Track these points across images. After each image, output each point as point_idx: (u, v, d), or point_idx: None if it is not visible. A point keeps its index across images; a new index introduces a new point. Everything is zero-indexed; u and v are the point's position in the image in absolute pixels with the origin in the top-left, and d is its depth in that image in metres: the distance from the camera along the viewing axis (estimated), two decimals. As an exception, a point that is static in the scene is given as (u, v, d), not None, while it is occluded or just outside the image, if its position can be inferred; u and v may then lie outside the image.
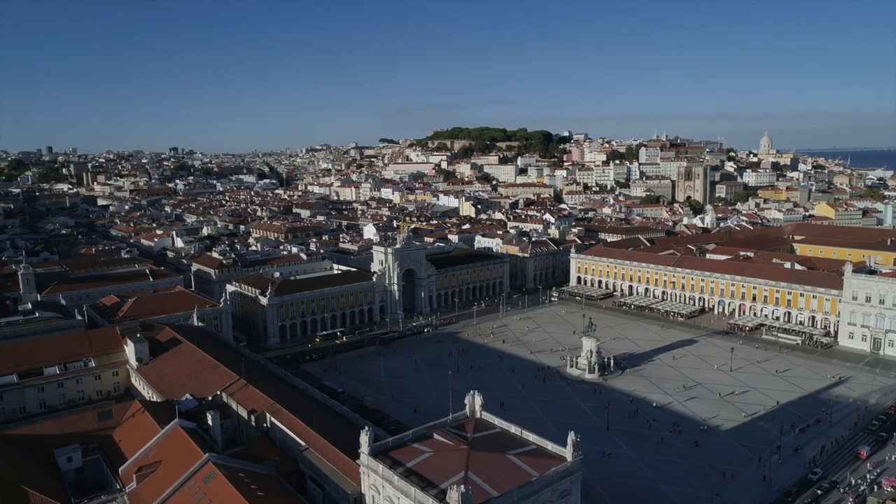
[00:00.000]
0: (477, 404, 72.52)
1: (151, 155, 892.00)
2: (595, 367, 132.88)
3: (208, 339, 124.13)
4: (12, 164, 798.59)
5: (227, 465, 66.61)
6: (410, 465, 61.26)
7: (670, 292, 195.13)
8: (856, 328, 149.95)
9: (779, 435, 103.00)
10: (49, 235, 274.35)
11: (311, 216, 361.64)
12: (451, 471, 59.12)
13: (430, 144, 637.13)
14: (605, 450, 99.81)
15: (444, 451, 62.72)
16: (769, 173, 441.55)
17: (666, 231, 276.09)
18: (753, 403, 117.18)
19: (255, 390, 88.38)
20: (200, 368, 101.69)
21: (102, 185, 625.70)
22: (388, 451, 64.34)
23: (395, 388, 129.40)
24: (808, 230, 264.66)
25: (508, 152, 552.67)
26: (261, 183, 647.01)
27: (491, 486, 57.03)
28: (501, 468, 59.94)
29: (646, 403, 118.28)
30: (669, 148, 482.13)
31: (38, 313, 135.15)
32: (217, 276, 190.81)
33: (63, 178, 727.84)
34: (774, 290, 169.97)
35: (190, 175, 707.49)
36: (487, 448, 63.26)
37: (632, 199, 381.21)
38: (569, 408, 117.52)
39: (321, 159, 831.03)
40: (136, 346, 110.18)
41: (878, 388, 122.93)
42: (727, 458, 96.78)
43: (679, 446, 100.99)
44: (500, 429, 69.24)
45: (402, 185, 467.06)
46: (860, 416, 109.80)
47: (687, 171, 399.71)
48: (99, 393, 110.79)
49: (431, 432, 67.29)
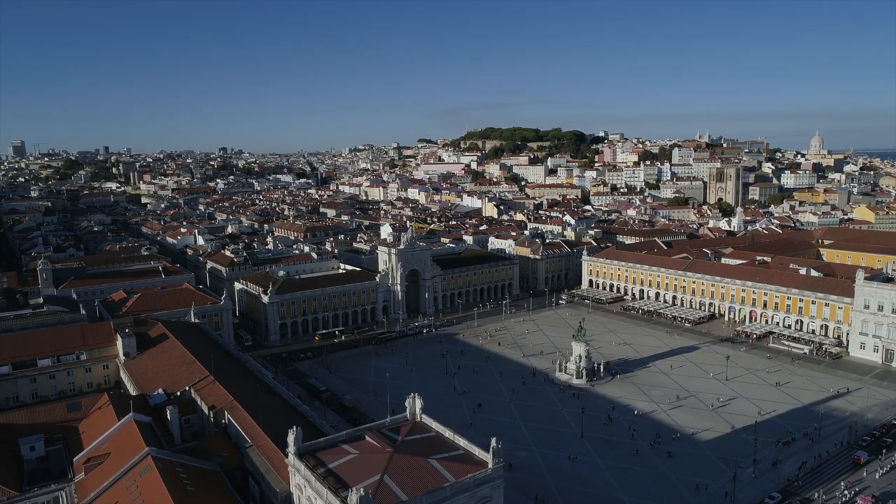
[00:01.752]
0: (417, 407, 72.34)
1: (200, 155, 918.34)
2: (583, 372, 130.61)
3: (199, 335, 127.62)
4: (67, 164, 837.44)
5: (167, 459, 68.42)
6: (332, 466, 61.67)
7: (681, 297, 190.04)
8: (867, 338, 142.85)
9: (759, 448, 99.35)
10: (83, 232, 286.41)
11: (336, 215, 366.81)
12: (369, 473, 59.22)
13: (463, 145, 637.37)
14: (571, 454, 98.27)
15: (369, 454, 62.82)
16: (809, 175, 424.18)
17: (688, 234, 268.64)
18: (741, 414, 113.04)
19: (219, 387, 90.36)
20: (178, 364, 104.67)
21: (147, 183, 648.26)
22: (318, 451, 64.95)
23: (380, 388, 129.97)
24: (839, 234, 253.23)
25: (539, 153, 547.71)
26: (296, 182, 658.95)
27: (403, 489, 56.88)
28: (420, 472, 59.64)
29: (628, 411, 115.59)
30: (704, 148, 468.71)
31: (47, 307, 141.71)
32: (227, 273, 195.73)
33: (112, 177, 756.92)
34: (786, 297, 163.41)
35: (231, 175, 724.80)
36: (412, 452, 63.06)
37: (659, 201, 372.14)
38: (548, 412, 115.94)
39: (361, 159, 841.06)
40: (124, 340, 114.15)
41: (880, 403, 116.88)
42: (699, 470, 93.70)
43: (652, 456, 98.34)
44: (434, 433, 68.87)
45: (429, 185, 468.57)
46: (852, 431, 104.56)
47: (718, 173, 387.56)
48: (90, 385, 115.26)
49: (364, 434, 67.49)
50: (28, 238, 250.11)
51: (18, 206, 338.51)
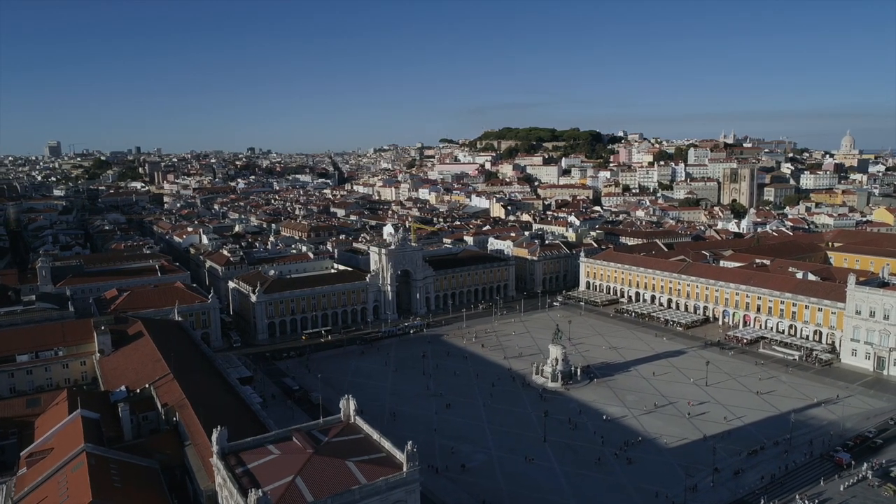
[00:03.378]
0: (351, 409, 72.37)
1: (229, 155, 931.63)
2: (559, 376, 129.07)
3: (177, 333, 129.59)
4: (96, 164, 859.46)
5: (102, 456, 69.52)
6: (251, 466, 62.05)
7: (676, 300, 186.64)
8: (859, 345, 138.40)
9: (725, 456, 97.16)
10: (95, 231, 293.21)
11: (345, 215, 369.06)
12: (283, 474, 59.43)
13: (479, 145, 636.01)
14: (528, 455, 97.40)
15: (289, 454, 62.99)
16: (829, 175, 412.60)
17: (694, 235, 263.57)
18: (714, 421, 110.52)
19: (175, 385, 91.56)
20: (146, 362, 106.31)
21: (171, 183, 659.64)
22: (242, 450, 65.40)
23: (354, 388, 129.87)
24: (850, 237, 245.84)
25: (554, 153, 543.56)
26: (314, 182, 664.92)
27: (312, 491, 56.92)
28: (334, 474, 59.56)
29: (598, 415, 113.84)
30: (722, 149, 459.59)
31: (37, 304, 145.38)
32: (223, 272, 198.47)
33: (138, 176, 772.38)
34: (779, 301, 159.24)
35: (252, 174, 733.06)
36: (333, 454, 63.05)
37: (671, 202, 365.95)
38: (516, 416, 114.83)
39: (384, 159, 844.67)
40: (100, 338, 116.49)
41: (861, 413, 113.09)
42: (659, 478, 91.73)
43: (612, 463, 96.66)
44: (363, 435, 68.82)
45: (440, 185, 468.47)
46: (825, 441, 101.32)
47: (732, 173, 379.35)
48: (67, 381, 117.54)
49: (292, 434, 67.71)
50: (39, 236, 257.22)
51: (37, 205, 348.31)
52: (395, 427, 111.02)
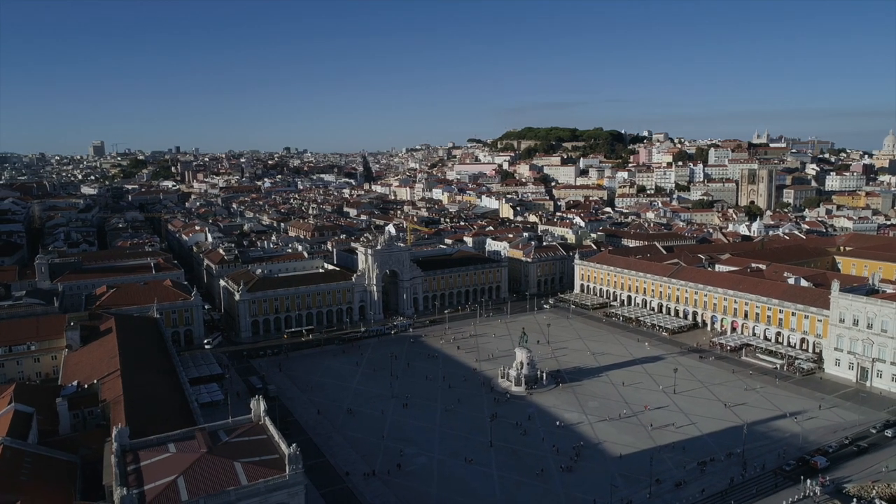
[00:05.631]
0: (261, 409, 72.78)
1: (265, 154, 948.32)
2: (522, 380, 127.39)
3: (149, 330, 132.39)
4: (132, 163, 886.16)
5: (18, 449, 71.12)
6: (143, 464, 62.93)
7: (666, 305, 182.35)
8: (843, 354, 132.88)
9: (671, 467, 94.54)
10: (110, 228, 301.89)
11: (356, 215, 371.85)
12: (169, 472, 60.12)
13: (499, 145, 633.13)
14: (468, 456, 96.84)
15: (182, 453, 63.66)
16: (856, 177, 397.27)
17: (699, 238, 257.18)
18: (672, 430, 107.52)
19: (118, 381, 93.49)
20: (103, 358, 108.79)
21: (200, 182, 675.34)
22: (143, 448, 66.37)
23: (319, 387, 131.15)
24: (862, 241, 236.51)
25: (573, 153, 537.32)
26: (336, 182, 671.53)
27: (191, 491, 57.43)
28: (219, 475, 59.92)
29: (552, 421, 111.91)
30: (744, 149, 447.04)
31: (25, 300, 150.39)
32: (217, 270, 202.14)
33: (171, 175, 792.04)
34: (766, 308, 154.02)
35: (279, 174, 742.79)
36: (225, 454, 63.46)
37: (685, 204, 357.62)
38: (471, 419, 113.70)
39: (413, 159, 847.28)
40: (68, 333, 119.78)
41: (830, 426, 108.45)
42: (596, 487, 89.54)
43: (552, 470, 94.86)
44: (265, 436, 69.12)
45: (454, 185, 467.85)
46: (780, 454, 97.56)
47: (750, 174, 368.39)
48: (38, 374, 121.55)
49: (195, 433, 68.41)
50: (53, 233, 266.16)
51: (59, 203, 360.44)
52: (346, 427, 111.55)
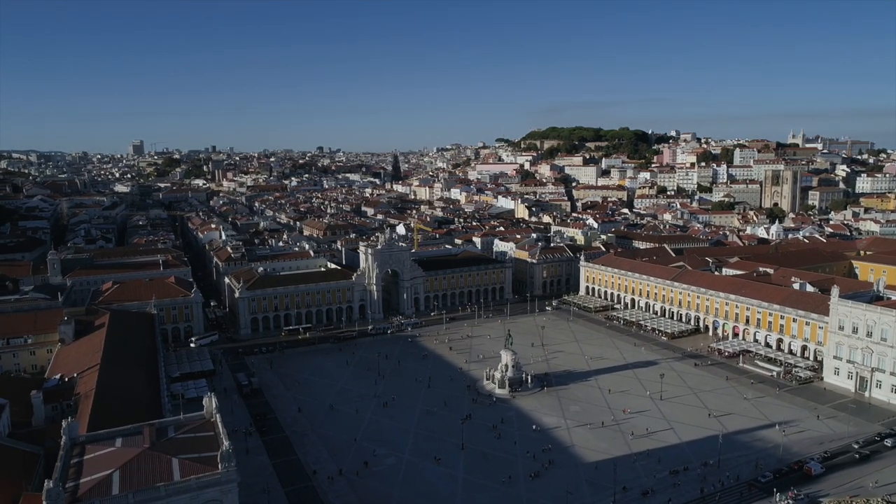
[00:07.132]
0: (213, 407, 73.72)
1: (298, 153, 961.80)
2: (507, 382, 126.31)
3: (143, 326, 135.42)
4: (167, 162, 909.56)
5: (-17, 439, 73.94)
6: (86, 458, 64.30)
7: (668, 308, 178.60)
8: (842, 363, 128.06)
9: (642, 475, 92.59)
10: (131, 226, 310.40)
11: (373, 214, 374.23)
12: (107, 467, 61.29)
13: (522, 144, 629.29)
14: (437, 456, 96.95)
15: (125, 448, 64.88)
16: (889, 179, 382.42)
17: (714, 241, 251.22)
18: (650, 437, 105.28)
19: (93, 377, 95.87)
20: (89, 352, 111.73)
21: (230, 181, 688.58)
22: (91, 442, 67.89)
23: (304, 387, 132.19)
24: (885, 245, 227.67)
25: (596, 153, 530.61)
26: (360, 181, 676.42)
27: (123, 486, 58.49)
28: (154, 471, 60.85)
29: (529, 425, 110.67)
30: (771, 149, 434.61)
31: (31, 294, 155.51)
32: (223, 268, 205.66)
33: (202, 174, 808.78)
34: (767, 313, 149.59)
35: (307, 173, 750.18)
36: (166, 451, 64.33)
37: (704, 205, 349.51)
38: (450, 421, 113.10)
39: (442, 159, 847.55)
40: (61, 327, 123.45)
41: (816, 437, 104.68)
42: (561, 494, 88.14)
43: (520, 475, 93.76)
44: (212, 433, 69.90)
45: (473, 185, 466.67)
46: (757, 465, 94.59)
47: (774, 175, 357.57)
48: (34, 367, 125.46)
49: (143, 429, 69.58)
50: (75, 230, 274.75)
51: (86, 201, 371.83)
52: (324, 425, 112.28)
